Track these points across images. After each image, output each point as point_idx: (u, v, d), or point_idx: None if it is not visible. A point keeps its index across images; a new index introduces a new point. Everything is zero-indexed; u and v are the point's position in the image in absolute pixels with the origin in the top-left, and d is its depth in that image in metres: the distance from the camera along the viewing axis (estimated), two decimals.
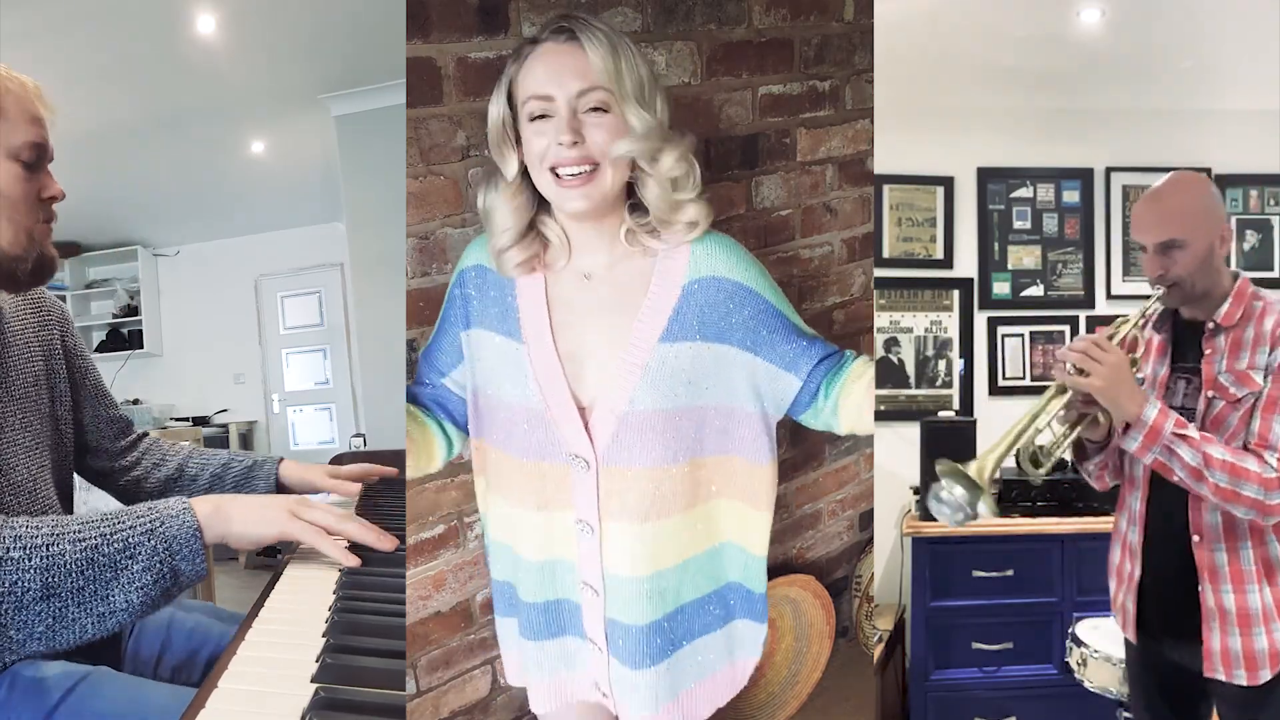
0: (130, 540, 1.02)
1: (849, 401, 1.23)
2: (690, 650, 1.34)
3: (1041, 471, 1.54)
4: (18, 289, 1.30)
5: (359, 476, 1.64)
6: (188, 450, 1.64)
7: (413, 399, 1.38)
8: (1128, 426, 1.45)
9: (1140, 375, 1.62)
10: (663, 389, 1.22)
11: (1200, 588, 1.56)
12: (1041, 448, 1.55)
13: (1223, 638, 1.54)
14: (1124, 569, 1.69)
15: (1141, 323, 1.57)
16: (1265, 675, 1.53)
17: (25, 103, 1.21)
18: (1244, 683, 1.54)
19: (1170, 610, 1.62)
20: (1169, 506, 1.59)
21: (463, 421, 1.37)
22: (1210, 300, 1.55)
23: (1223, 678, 1.55)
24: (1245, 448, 1.46)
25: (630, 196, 1.24)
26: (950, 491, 1.44)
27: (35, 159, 1.22)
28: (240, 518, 1.12)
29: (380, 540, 1.20)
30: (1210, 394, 1.52)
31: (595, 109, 1.15)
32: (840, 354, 1.28)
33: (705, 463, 1.29)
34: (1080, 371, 1.44)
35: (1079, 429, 1.55)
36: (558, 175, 1.15)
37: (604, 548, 1.27)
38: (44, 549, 0.98)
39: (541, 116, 1.16)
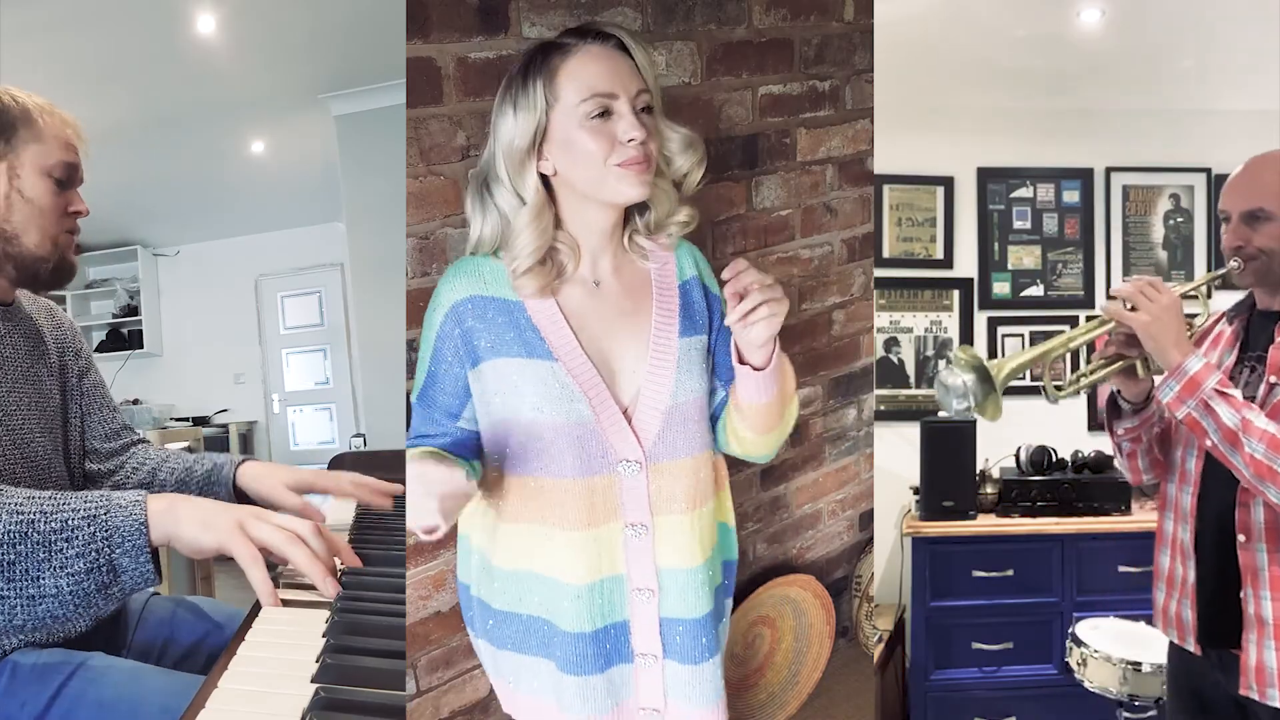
0: (69, 522, 0.99)
1: (731, 418, 1.31)
2: (720, 638, 1.38)
3: (1061, 394, 1.47)
4: (37, 288, 1.44)
5: (334, 491, 1.54)
6: (164, 455, 1.61)
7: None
8: (1166, 378, 1.35)
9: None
10: (694, 379, 1.29)
11: (1242, 594, 1.42)
12: (1059, 386, 1.49)
13: (1259, 651, 1.40)
14: (1175, 573, 1.55)
15: (1214, 317, 1.52)
16: None
17: (63, 131, 1.38)
18: (1277, 704, 1.39)
19: (1221, 622, 1.47)
20: (1220, 506, 1.46)
21: (480, 453, 1.32)
22: None
23: (1256, 697, 1.41)
24: None
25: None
26: (959, 376, 1.39)
27: (66, 178, 1.38)
28: (188, 520, 1.06)
29: (325, 582, 1.08)
30: (1273, 379, 1.40)
31: (646, 109, 1.21)
32: None
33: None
34: (1130, 309, 1.37)
35: (1113, 369, 1.47)
36: (621, 167, 1.19)
37: (657, 544, 1.27)
38: None
39: (601, 114, 1.19)
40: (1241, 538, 1.43)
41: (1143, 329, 1.36)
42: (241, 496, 1.54)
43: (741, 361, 1.19)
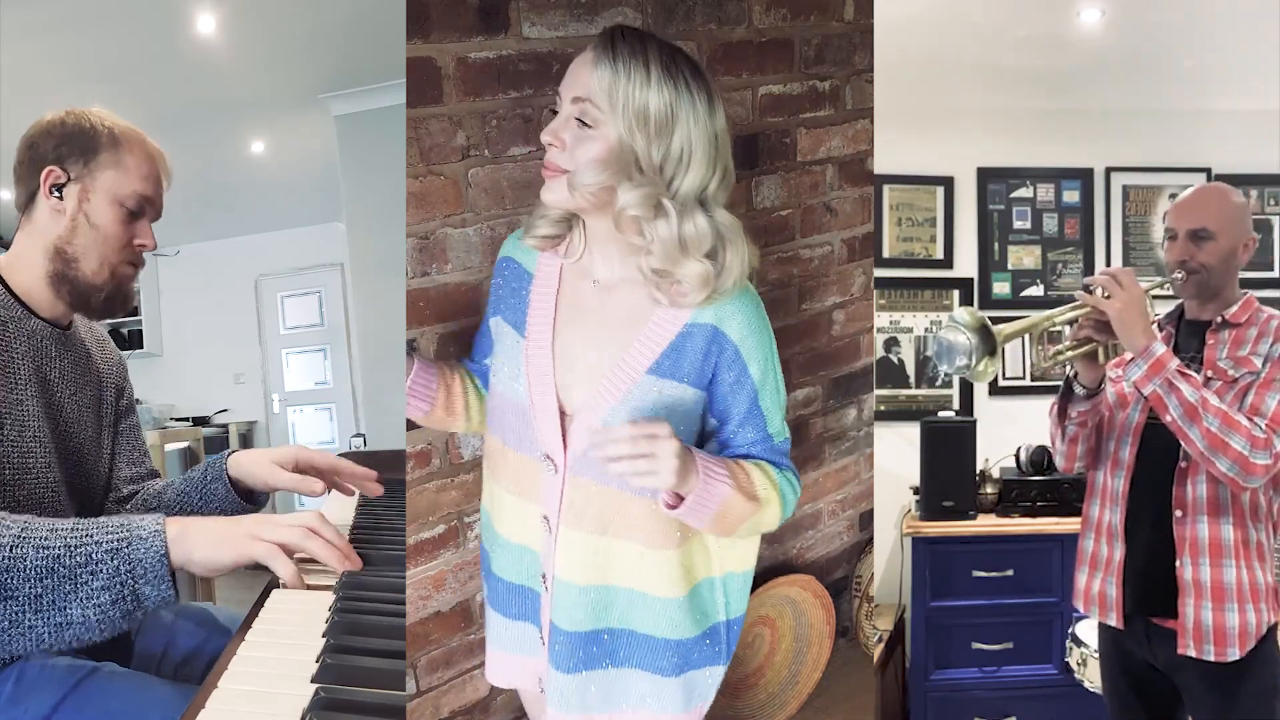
0: (93, 556, 1.01)
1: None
2: (634, 677, 1.31)
3: (1042, 366, 1.62)
4: (89, 315, 1.42)
5: (320, 465, 1.51)
6: (170, 481, 1.58)
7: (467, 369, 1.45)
8: (1133, 359, 1.52)
9: None
10: (637, 419, 1.18)
11: (1178, 563, 1.61)
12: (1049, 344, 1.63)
13: (1196, 612, 1.59)
14: (1100, 554, 1.72)
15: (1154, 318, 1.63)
16: (1233, 653, 1.57)
17: (146, 163, 1.38)
18: (1212, 658, 1.58)
19: (1149, 593, 1.65)
20: (1151, 487, 1.65)
21: None
22: (1220, 301, 1.66)
23: (1194, 654, 1.59)
24: None
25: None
26: (963, 334, 1.47)
27: (138, 209, 1.37)
28: (201, 543, 1.08)
29: (343, 562, 1.17)
30: (1208, 374, 1.60)
31: (579, 120, 1.15)
32: (779, 467, 1.26)
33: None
34: (1105, 297, 1.52)
35: (1082, 350, 1.60)
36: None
37: (558, 551, 1.28)
38: (7, 549, 0.98)
39: (555, 113, 1.20)
40: (1178, 513, 1.62)
41: (1116, 315, 1.51)
42: (238, 487, 1.49)
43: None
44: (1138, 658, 1.73)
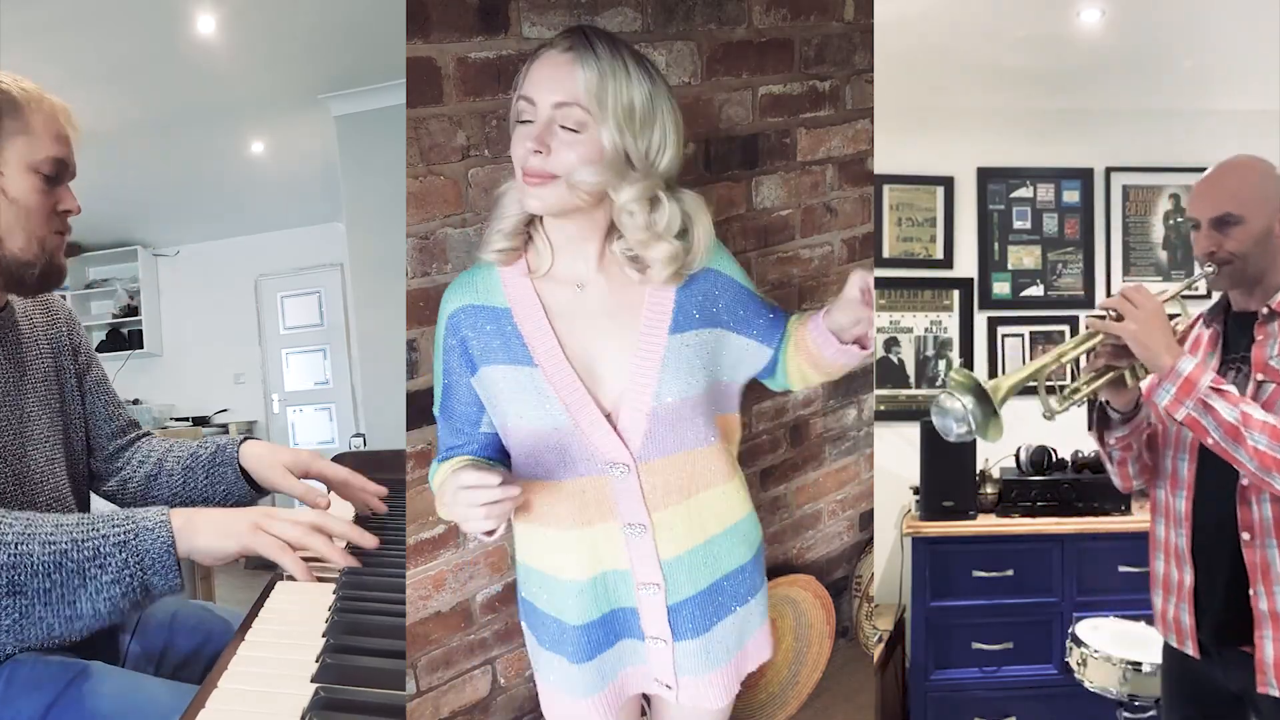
0: (101, 550, 1.02)
1: (792, 364, 1.37)
2: (742, 615, 1.37)
3: (1056, 405, 1.43)
4: (25, 293, 1.35)
5: (330, 478, 1.54)
6: (168, 445, 1.59)
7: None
8: (1160, 381, 1.36)
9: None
10: (683, 378, 1.26)
11: (1251, 592, 1.43)
12: (1063, 387, 1.46)
13: (1275, 647, 1.42)
14: (1171, 578, 1.57)
15: (1191, 320, 1.52)
16: None
17: (53, 122, 1.27)
18: None
19: (1223, 620, 1.49)
20: (1217, 506, 1.47)
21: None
22: (1264, 287, 1.47)
23: (1276, 693, 1.42)
24: None
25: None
26: (958, 400, 1.36)
27: (55, 174, 1.28)
28: (206, 532, 1.09)
29: (347, 558, 1.18)
30: (1259, 377, 1.42)
31: (566, 126, 1.14)
32: (787, 317, 1.42)
33: (727, 435, 1.37)
34: (1116, 318, 1.38)
35: (1103, 380, 1.47)
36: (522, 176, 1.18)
37: (658, 540, 1.27)
38: (12, 546, 0.99)
39: (525, 121, 1.17)
40: (1245, 536, 1.43)
41: (1132, 337, 1.36)
42: (246, 476, 1.52)
43: (843, 341, 1.30)
44: (1213, 687, 1.56)
